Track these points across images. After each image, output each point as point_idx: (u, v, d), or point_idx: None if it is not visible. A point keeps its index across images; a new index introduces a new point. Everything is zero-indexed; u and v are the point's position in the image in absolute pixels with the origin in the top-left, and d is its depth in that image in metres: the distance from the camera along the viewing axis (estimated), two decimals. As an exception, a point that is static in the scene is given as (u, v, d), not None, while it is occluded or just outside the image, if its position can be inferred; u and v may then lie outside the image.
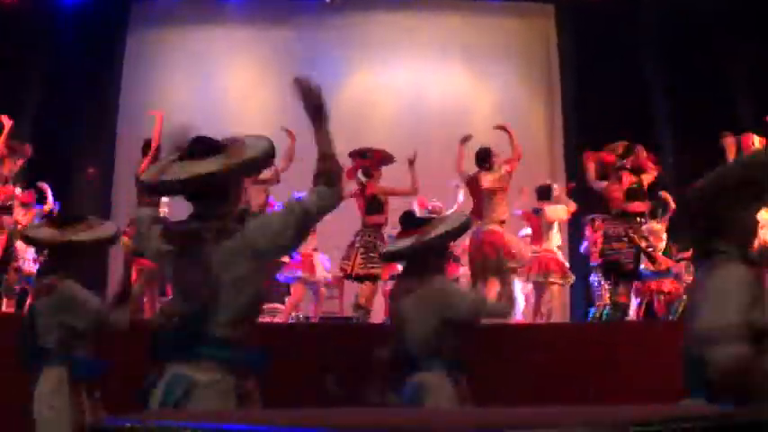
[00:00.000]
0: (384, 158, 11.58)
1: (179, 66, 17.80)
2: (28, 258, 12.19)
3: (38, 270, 7.49)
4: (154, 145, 11.27)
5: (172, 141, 4.33)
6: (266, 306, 11.14)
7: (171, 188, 4.38)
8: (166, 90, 17.66)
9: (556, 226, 12.22)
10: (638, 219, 11.15)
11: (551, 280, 11.82)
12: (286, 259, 11.14)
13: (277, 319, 11.52)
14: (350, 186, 11.21)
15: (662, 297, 12.34)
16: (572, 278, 12.14)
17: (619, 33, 15.86)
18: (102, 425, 2.55)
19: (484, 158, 11.44)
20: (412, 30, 17.46)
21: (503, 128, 12.15)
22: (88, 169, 16.34)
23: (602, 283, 12.62)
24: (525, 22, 17.68)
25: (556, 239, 12.18)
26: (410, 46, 17.46)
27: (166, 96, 17.57)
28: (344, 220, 10.68)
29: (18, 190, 12.70)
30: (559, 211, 12.23)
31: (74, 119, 16.49)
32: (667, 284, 12.13)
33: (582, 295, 14.48)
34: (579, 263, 13.54)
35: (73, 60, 16.38)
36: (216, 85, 17.67)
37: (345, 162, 11.17)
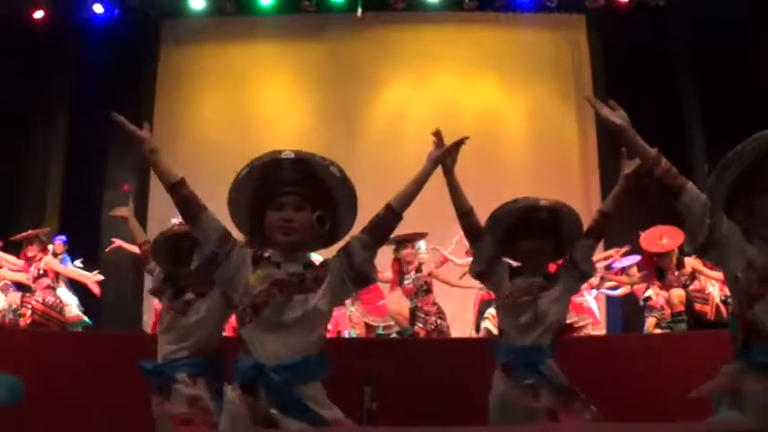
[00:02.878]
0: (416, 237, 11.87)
1: (211, 82, 17.86)
2: None
3: None
4: None
5: None
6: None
7: None
8: (199, 106, 17.75)
9: None
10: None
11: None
12: None
13: None
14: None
15: None
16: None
17: (650, 43, 15.79)
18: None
19: None
20: (444, 43, 17.46)
21: None
22: (122, 186, 16.44)
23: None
24: (556, 34, 17.61)
25: None
26: (442, 59, 17.46)
27: (199, 113, 17.67)
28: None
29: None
30: None
31: (107, 136, 16.60)
32: None
33: (618, 305, 14.39)
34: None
35: (105, 78, 16.48)
36: (248, 102, 17.72)
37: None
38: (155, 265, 6.05)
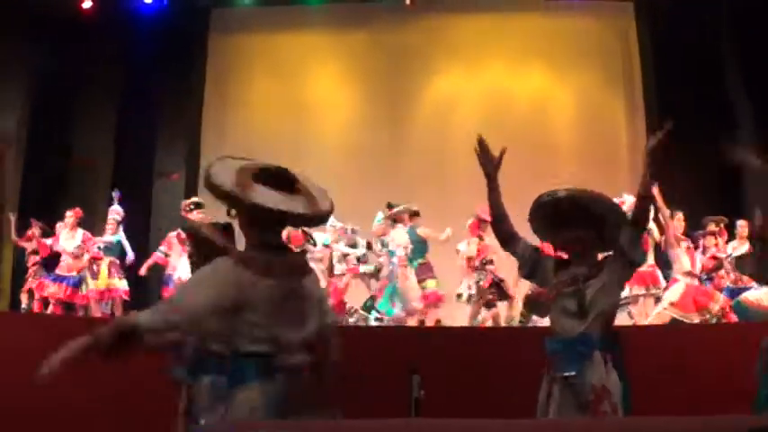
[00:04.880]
0: None
1: (260, 71, 17.93)
2: None
3: None
4: None
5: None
6: None
7: (295, 221, 4.60)
8: (248, 95, 17.80)
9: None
10: None
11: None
12: None
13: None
14: None
15: None
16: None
17: (699, 29, 15.64)
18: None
19: None
20: (492, 31, 17.39)
21: None
22: (171, 174, 16.55)
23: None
24: (605, 21, 17.51)
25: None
26: (490, 47, 17.40)
27: (248, 102, 17.73)
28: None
29: None
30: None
31: (157, 125, 16.73)
32: None
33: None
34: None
35: (154, 68, 16.60)
36: (298, 91, 17.76)
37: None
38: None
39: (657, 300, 12.19)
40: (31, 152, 15.33)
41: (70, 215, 13.37)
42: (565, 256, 5.40)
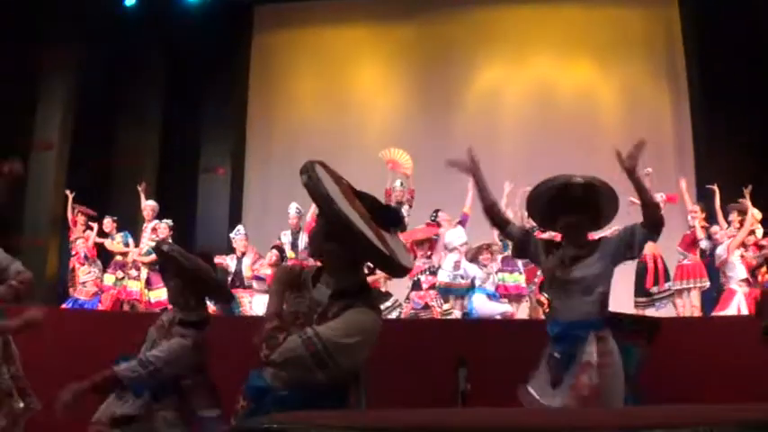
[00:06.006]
0: None
1: (305, 67, 17.95)
2: None
3: None
4: None
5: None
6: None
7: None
8: (293, 91, 17.85)
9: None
10: None
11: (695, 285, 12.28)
12: None
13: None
14: None
15: None
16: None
17: (744, 17, 15.48)
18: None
19: None
20: (536, 23, 17.31)
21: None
22: (218, 170, 16.64)
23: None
24: (649, 12, 17.36)
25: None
26: (535, 39, 17.31)
27: (293, 96, 17.78)
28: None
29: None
30: None
31: (202, 121, 16.80)
32: None
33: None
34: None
35: (198, 65, 16.70)
36: (343, 85, 17.79)
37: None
38: None
39: (704, 292, 12.23)
40: (75, 150, 15.45)
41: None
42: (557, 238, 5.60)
